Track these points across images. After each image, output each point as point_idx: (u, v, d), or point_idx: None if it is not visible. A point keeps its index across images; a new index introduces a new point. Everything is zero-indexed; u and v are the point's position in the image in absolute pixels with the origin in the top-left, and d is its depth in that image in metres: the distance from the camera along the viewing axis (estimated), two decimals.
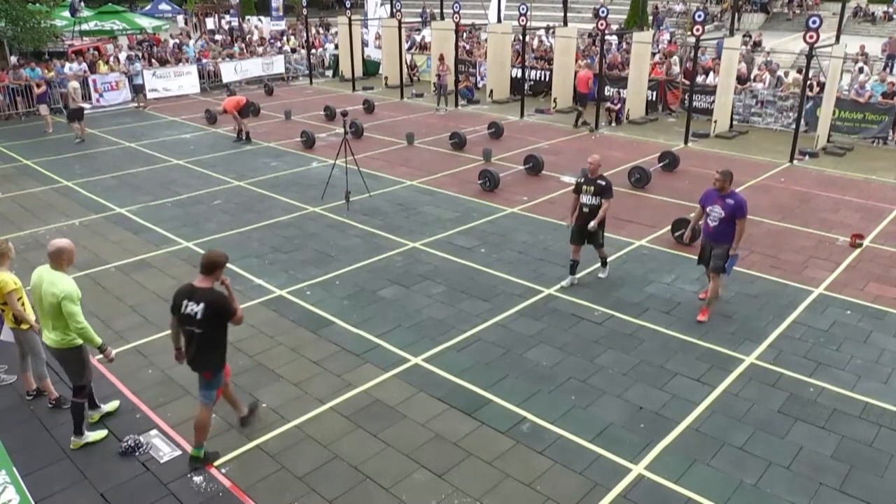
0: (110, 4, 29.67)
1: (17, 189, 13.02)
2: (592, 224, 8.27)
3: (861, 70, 18.66)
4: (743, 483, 5.41)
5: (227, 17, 36.27)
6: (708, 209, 7.77)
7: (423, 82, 24.72)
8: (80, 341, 5.55)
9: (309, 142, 15.90)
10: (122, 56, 23.24)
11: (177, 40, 27.49)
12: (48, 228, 10.91)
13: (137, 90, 21.38)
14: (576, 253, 8.65)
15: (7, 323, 6.31)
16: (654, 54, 21.15)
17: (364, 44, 27.27)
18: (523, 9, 18.72)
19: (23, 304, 6.00)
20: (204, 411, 5.52)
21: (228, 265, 9.38)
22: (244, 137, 16.70)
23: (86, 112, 19.65)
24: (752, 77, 19.10)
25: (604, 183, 8.31)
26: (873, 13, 34.80)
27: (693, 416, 6.21)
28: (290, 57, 26.93)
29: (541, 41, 25.54)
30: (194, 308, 5.24)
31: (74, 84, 17.32)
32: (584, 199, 8.42)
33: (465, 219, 11.22)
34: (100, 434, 5.92)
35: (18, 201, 12.29)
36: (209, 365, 5.44)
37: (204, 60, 24.44)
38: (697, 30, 15.59)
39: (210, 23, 35.62)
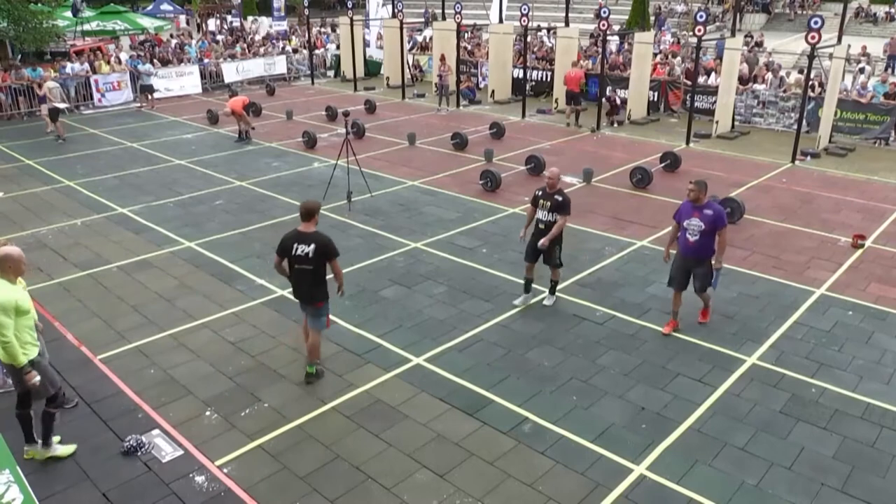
0: (112, 4, 29.72)
1: (19, 189, 13.04)
2: (542, 242, 7.76)
3: (862, 70, 18.65)
4: (744, 483, 5.41)
5: (229, 18, 36.32)
6: (685, 223, 7.30)
7: (426, 83, 24.72)
8: (25, 358, 5.20)
9: (311, 142, 15.91)
10: (123, 56, 23.26)
11: (178, 40, 27.53)
12: (50, 228, 10.92)
13: (144, 90, 21.28)
14: (529, 271, 8.16)
15: None
16: (655, 55, 21.16)
17: (366, 44, 27.29)
18: (525, 9, 18.72)
19: None
20: (315, 336, 6.68)
21: (230, 265, 9.45)
22: (245, 136, 16.75)
23: (87, 113, 19.73)
24: (753, 77, 19.08)
25: (561, 199, 7.78)
26: (875, 14, 34.79)
27: (695, 417, 6.21)
28: (292, 57, 26.95)
29: (542, 42, 25.52)
30: (305, 249, 6.35)
31: (51, 84, 17.32)
32: (540, 214, 7.92)
33: (467, 219, 11.23)
34: (69, 449, 5.71)
35: (20, 201, 12.30)
36: (319, 296, 6.53)
37: (206, 60, 24.46)
38: (699, 30, 15.58)
39: (212, 24, 35.65)
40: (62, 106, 17.08)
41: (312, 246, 6.34)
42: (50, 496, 5.25)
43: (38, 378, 5.26)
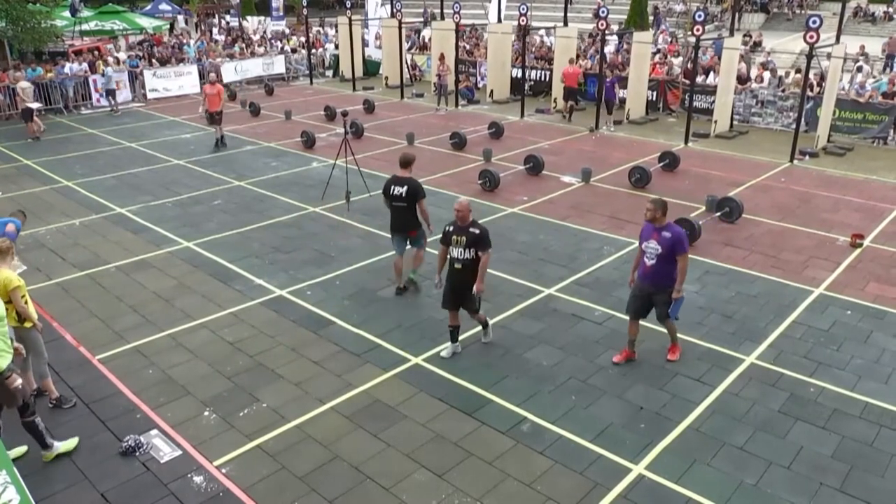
0: (111, 4, 29.68)
1: (18, 189, 13.03)
2: (477, 287, 6.75)
3: (860, 69, 18.65)
4: (743, 483, 5.41)
5: (227, 18, 36.30)
6: (643, 246, 6.71)
7: (424, 82, 24.72)
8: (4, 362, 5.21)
9: (309, 142, 15.90)
10: (122, 56, 23.24)
11: (176, 40, 27.50)
12: (48, 228, 10.91)
13: (109, 93, 20.66)
14: (453, 318, 7.08)
15: (9, 322, 6.31)
16: (654, 54, 21.18)
17: (364, 44, 27.28)
18: (523, 9, 18.72)
19: (26, 302, 6.01)
20: (419, 252, 8.49)
21: (228, 265, 9.44)
22: (222, 142, 16.04)
23: (86, 113, 19.70)
24: (751, 77, 19.10)
25: (478, 232, 6.73)
26: (873, 13, 34.82)
27: (693, 416, 6.21)
28: (291, 57, 26.94)
29: (541, 41, 25.53)
30: (399, 189, 8.10)
31: (23, 84, 17.29)
32: (455, 252, 6.76)
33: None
34: (71, 443, 5.74)
35: (19, 201, 12.27)
36: (411, 226, 8.31)
37: (207, 60, 24.43)
38: (698, 30, 15.59)
39: (214, 30, 35.62)
40: (35, 106, 17.08)
41: (405, 188, 8.08)
42: (48, 496, 5.25)
43: (19, 381, 5.26)
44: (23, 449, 5.74)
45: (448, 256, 6.90)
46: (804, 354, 7.24)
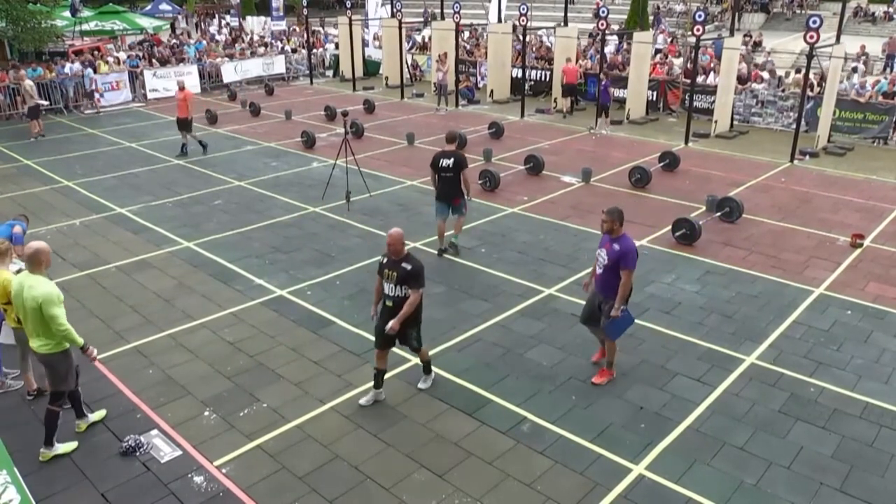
0: (111, 4, 29.69)
1: (18, 189, 13.03)
2: (391, 326, 5.94)
3: (854, 70, 18.64)
4: (743, 483, 5.41)
5: (227, 18, 36.29)
6: (596, 253, 6.59)
7: (425, 82, 24.72)
8: (66, 345, 5.46)
9: (309, 142, 15.90)
10: (122, 56, 23.25)
11: (176, 40, 27.51)
12: (49, 228, 10.91)
13: (87, 95, 20.38)
14: (380, 360, 6.25)
15: (9, 323, 6.32)
16: (655, 54, 21.21)
17: (364, 44, 27.28)
18: (524, 9, 18.73)
19: None
20: (460, 219, 9.74)
21: (228, 265, 9.44)
22: (184, 150, 15.33)
23: (87, 112, 19.70)
24: (751, 77, 19.10)
25: (410, 267, 5.99)
26: (874, 13, 34.80)
27: (693, 416, 6.21)
28: (291, 57, 26.94)
29: (541, 41, 25.53)
30: (447, 161, 9.29)
31: (29, 82, 17.30)
32: (386, 287, 6.04)
33: (466, 219, 11.20)
34: (70, 446, 5.78)
35: (19, 201, 12.29)
36: (455, 194, 9.45)
37: (208, 61, 24.43)
38: (698, 30, 15.59)
39: (213, 26, 35.64)
40: (45, 103, 17.12)
41: (452, 160, 9.26)
42: (48, 496, 5.25)
43: (96, 351, 5.70)
44: (102, 413, 6.02)
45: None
46: (804, 354, 7.24)
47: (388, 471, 5.54)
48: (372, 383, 6.37)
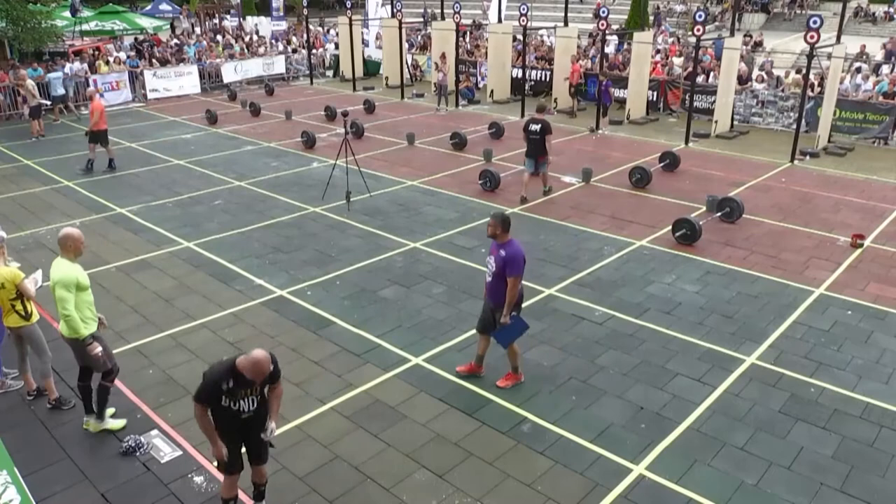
0: (111, 4, 29.69)
1: (18, 189, 13.03)
2: (269, 426, 4.79)
3: (859, 70, 18.64)
4: (744, 483, 5.41)
5: (228, 18, 36.27)
6: (486, 260, 6.39)
7: (425, 82, 24.73)
8: (83, 332, 5.56)
9: (309, 142, 15.90)
10: (122, 55, 23.25)
11: (177, 40, 27.50)
12: (49, 228, 10.91)
13: (55, 101, 19.14)
14: (229, 489, 4.97)
15: (8, 322, 6.31)
16: (658, 52, 21.23)
17: (364, 44, 27.27)
18: (524, 9, 18.73)
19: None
20: (545, 174, 12.27)
21: (229, 265, 9.44)
22: (90, 166, 13.96)
23: (85, 112, 19.66)
24: (753, 77, 19.11)
25: (273, 368, 4.58)
26: (874, 13, 34.80)
27: (694, 417, 6.21)
28: (291, 57, 26.94)
29: (541, 41, 25.54)
30: (535, 127, 11.54)
31: (30, 83, 17.29)
32: (244, 405, 4.65)
33: (466, 219, 11.22)
34: (120, 423, 6.01)
35: (19, 201, 12.29)
36: (541, 153, 11.73)
37: (208, 61, 24.42)
38: (698, 30, 15.58)
39: (212, 24, 35.60)
40: (46, 103, 17.14)
41: (540, 125, 11.53)
42: (49, 497, 5.25)
43: (99, 349, 5.66)
44: (122, 422, 6.05)
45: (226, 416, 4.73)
46: (805, 355, 7.24)
47: (388, 471, 5.54)
48: None
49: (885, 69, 19.10)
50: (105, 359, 5.78)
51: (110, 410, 6.07)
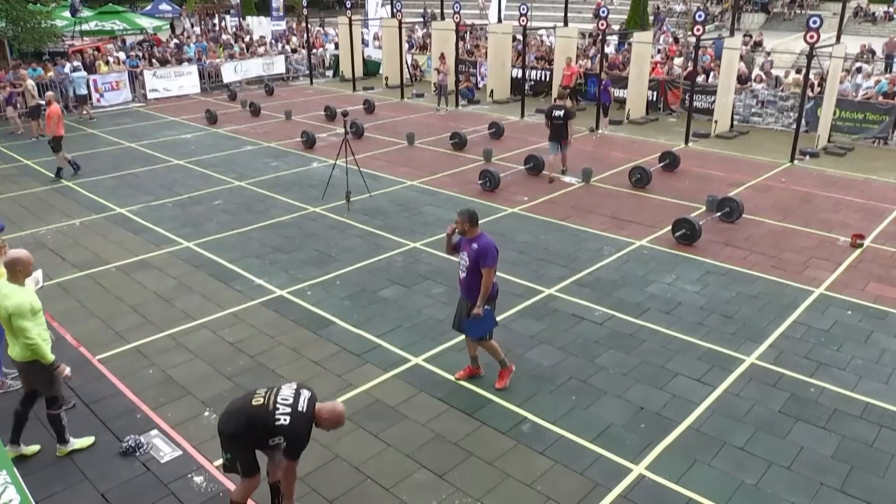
0: (111, 5, 29.69)
1: (18, 189, 13.03)
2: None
3: (859, 70, 18.66)
4: (744, 483, 5.41)
5: (228, 18, 36.25)
6: (458, 258, 6.45)
7: (425, 82, 24.73)
8: (51, 356, 5.35)
9: (309, 142, 15.90)
10: (121, 55, 23.25)
11: (177, 40, 27.51)
12: (49, 228, 10.91)
13: (79, 99, 19.76)
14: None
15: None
16: (658, 51, 21.23)
17: (364, 44, 27.26)
18: (524, 9, 18.73)
19: None
20: (565, 153, 13.28)
21: (228, 265, 9.44)
22: (59, 174, 13.65)
23: (85, 112, 19.66)
24: (752, 77, 19.12)
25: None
26: (874, 13, 34.81)
27: (694, 417, 6.21)
28: (291, 57, 26.94)
29: (541, 41, 25.54)
30: (558, 112, 12.61)
31: (31, 83, 17.28)
32: None
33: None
34: (87, 441, 5.80)
35: (19, 201, 12.29)
36: (563, 137, 12.81)
37: (208, 61, 24.42)
38: (698, 30, 15.59)
39: (213, 24, 35.58)
40: (43, 102, 17.12)
41: (563, 111, 12.63)
42: (48, 497, 5.24)
43: (68, 370, 5.49)
44: (35, 448, 5.76)
45: None
46: (805, 355, 7.24)
47: (388, 471, 5.54)
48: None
49: (880, 66, 19.08)
50: (59, 386, 5.53)
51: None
